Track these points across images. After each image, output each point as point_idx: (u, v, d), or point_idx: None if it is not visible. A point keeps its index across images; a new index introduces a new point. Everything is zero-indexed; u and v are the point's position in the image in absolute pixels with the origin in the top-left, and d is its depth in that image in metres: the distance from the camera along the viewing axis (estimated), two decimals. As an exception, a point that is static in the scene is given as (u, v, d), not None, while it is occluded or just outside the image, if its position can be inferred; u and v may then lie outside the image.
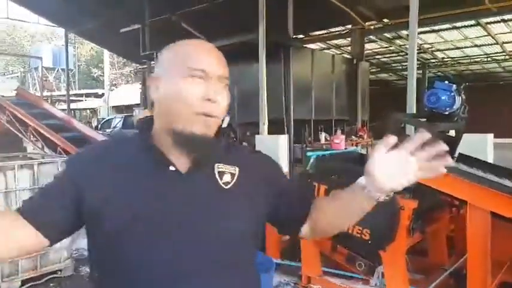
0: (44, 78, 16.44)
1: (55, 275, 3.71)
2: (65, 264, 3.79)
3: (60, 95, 17.58)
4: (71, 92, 15.63)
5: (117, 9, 10.44)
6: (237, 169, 0.96)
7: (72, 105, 16.64)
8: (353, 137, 10.25)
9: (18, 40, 30.54)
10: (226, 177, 0.94)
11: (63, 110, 13.05)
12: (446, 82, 2.94)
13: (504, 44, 13.43)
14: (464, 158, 3.11)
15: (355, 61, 10.94)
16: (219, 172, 0.94)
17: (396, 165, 0.83)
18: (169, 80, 0.89)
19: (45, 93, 14.36)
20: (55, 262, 3.73)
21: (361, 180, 0.90)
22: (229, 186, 0.93)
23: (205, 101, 0.86)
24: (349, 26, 11.32)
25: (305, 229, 1.05)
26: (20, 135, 9.14)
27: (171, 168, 0.89)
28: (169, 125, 0.89)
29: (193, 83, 0.87)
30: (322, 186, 2.89)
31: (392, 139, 0.83)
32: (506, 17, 10.56)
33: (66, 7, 11.56)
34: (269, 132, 6.87)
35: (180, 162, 0.90)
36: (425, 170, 0.82)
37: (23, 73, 20.59)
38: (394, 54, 15.71)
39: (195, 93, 0.86)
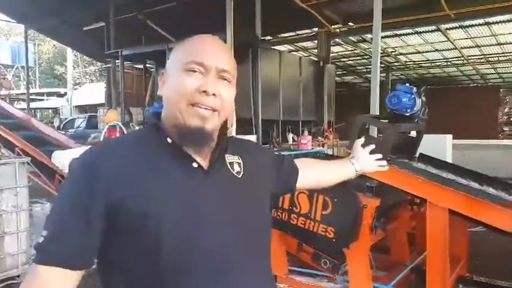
0: (2, 76, 15.72)
1: (12, 281, 3.56)
2: (23, 269, 3.63)
3: (19, 94, 16.86)
4: (31, 91, 15.04)
5: (80, 7, 10.13)
6: (240, 158, 1.01)
7: (33, 105, 16.02)
8: (319, 137, 10.42)
9: (-27, 36, 29.08)
10: (236, 167, 0.98)
11: (22, 109, 12.49)
12: (408, 85, 3.04)
13: (462, 49, 14.04)
14: (424, 158, 3.22)
15: (321, 63, 11.15)
16: (229, 163, 0.98)
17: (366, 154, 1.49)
18: (171, 75, 0.92)
19: (3, 92, 13.72)
20: (13, 267, 3.57)
21: (351, 157, 1.45)
22: (240, 175, 0.98)
23: (201, 93, 0.87)
24: (316, 29, 11.51)
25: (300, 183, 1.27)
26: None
27: (194, 164, 0.90)
28: (172, 119, 0.91)
29: (191, 76, 0.88)
30: (289, 186, 2.92)
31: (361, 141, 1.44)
32: (464, 23, 11.05)
33: (25, 2, 11.11)
34: (237, 133, 6.88)
35: (198, 157, 0.92)
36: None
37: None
38: (359, 57, 16.10)
39: (191, 85, 0.87)
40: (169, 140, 0.91)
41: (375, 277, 2.92)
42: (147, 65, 12.62)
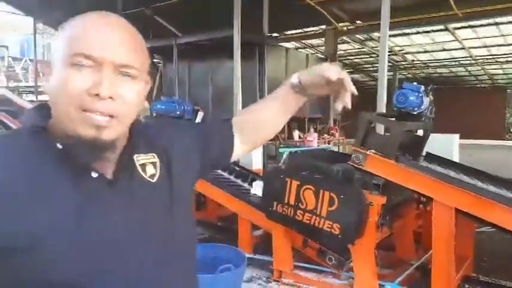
0: (11, 68, 15.82)
1: None
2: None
3: (28, 86, 16.95)
4: (40, 84, 15.12)
5: (88, 0, 10.18)
6: (155, 155, 0.82)
7: (41, 97, 16.11)
8: (325, 135, 10.42)
9: (-19, 28, 29.27)
10: (150, 169, 0.80)
11: (31, 101, 12.60)
12: (415, 83, 3.04)
13: (470, 49, 13.95)
14: (431, 157, 3.22)
15: (328, 61, 11.12)
16: (140, 165, 0.79)
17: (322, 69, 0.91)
18: (56, 69, 0.70)
19: (11, 84, 13.83)
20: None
21: (295, 77, 0.96)
22: (155, 178, 0.80)
23: (93, 97, 0.67)
24: (323, 27, 11.48)
25: (240, 151, 1.02)
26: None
27: (94, 174, 0.71)
28: (60, 124, 0.70)
29: (79, 72, 0.67)
30: (294, 182, 2.94)
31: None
32: (472, 23, 10.97)
33: (34, -5, 11.19)
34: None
35: (98, 164, 0.72)
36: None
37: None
38: (366, 56, 16.04)
39: (78, 85, 0.66)
40: (59, 146, 0.70)
41: (380, 274, 2.94)
42: (154, 60, 12.65)
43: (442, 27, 11.52)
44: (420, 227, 3.59)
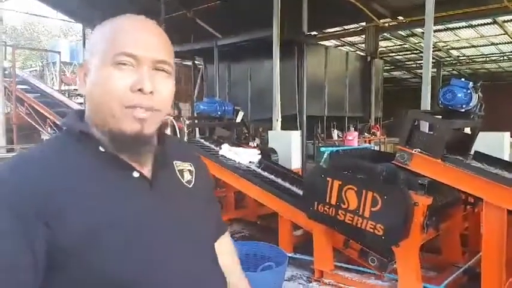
0: (62, 73, 16.70)
1: None
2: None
3: (76, 89, 17.82)
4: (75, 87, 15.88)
5: (133, 5, 10.53)
6: (192, 165, 0.89)
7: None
8: (366, 134, 10.22)
9: (35, 35, 30.97)
10: (187, 176, 0.86)
11: (80, 103, 13.24)
12: (463, 79, 2.94)
13: (521, 43, 13.22)
14: (479, 156, 3.10)
15: (369, 58, 10.92)
16: (179, 170, 0.86)
17: None
18: (95, 69, 0.74)
19: (63, 87, 14.59)
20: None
21: None
22: (191, 185, 0.86)
23: (136, 93, 0.72)
24: (364, 24, 11.26)
25: None
26: (38, 127, 9.32)
27: (135, 174, 0.76)
28: (102, 124, 0.75)
29: (121, 71, 0.72)
30: (336, 182, 2.91)
31: None
32: (524, 15, 10.39)
33: (83, 2, 11.71)
34: (282, 129, 6.89)
35: (138, 165, 0.78)
36: None
37: (41, 67, 20.91)
38: (408, 52, 15.56)
39: (122, 83, 0.72)
40: (101, 149, 0.75)
41: (425, 277, 2.86)
42: (195, 62, 12.91)
43: (490, 20, 10.98)
44: (467, 229, 3.45)
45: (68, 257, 0.68)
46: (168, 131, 4.51)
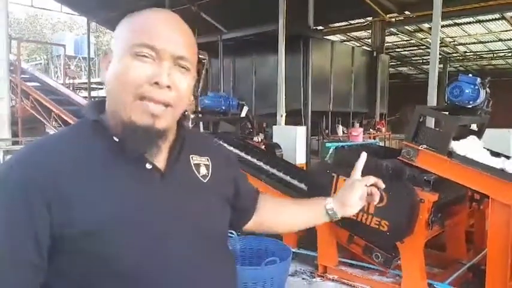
0: (67, 66, 16.75)
1: None
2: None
3: (81, 83, 17.87)
4: (92, 80, 15.88)
5: (138, -1, 10.53)
6: (209, 159, 0.88)
7: (93, 93, 16.93)
8: (371, 130, 10.18)
9: (40, 29, 31.05)
10: (203, 170, 0.86)
11: (84, 97, 13.29)
12: (471, 75, 2.90)
13: (530, 39, 13.08)
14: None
15: (375, 54, 10.83)
16: (194, 164, 0.85)
17: (358, 194, 1.00)
18: (116, 59, 0.74)
19: (67, 81, 14.63)
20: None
21: (329, 203, 1.01)
22: (207, 179, 0.85)
23: (152, 85, 0.72)
24: (370, 18, 11.18)
25: (249, 225, 1.05)
26: (43, 120, 9.37)
27: (148, 166, 0.76)
28: (115, 114, 0.75)
29: (140, 62, 0.72)
30: (341, 177, 2.90)
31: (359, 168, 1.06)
32: (533, 10, 10.26)
33: (87, -4, 11.72)
34: (286, 124, 6.88)
35: (153, 157, 0.78)
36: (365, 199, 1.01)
37: (46, 60, 21.02)
38: (414, 48, 15.45)
39: (139, 74, 0.72)
40: (115, 139, 0.75)
41: (430, 273, 2.85)
42: (200, 56, 12.90)
43: (498, 15, 10.86)
44: (472, 226, 3.43)
45: (71, 244, 0.69)
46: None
